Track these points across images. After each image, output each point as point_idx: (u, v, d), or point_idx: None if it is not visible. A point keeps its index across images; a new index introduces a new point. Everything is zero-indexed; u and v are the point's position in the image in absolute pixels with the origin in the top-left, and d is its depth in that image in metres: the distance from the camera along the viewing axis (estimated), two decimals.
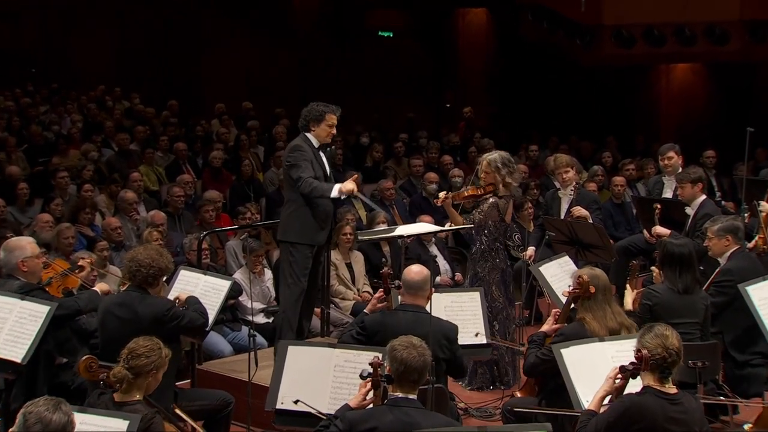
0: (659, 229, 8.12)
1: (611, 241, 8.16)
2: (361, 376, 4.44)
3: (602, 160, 13.33)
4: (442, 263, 9.46)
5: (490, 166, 7.21)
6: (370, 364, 4.41)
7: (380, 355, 4.53)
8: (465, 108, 17.30)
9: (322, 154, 7.02)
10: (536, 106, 18.04)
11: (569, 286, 5.64)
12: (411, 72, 19.61)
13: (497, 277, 7.24)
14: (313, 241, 6.94)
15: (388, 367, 4.43)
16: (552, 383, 5.37)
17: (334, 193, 6.77)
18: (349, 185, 6.77)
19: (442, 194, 7.20)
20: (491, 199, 7.21)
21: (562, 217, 8.25)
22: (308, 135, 6.99)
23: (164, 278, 5.86)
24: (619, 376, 4.52)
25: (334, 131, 7.03)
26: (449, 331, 5.44)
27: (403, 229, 6.50)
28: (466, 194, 7.24)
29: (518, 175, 7.42)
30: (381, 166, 13.37)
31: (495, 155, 7.29)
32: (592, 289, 5.42)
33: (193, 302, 5.94)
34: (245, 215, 9.53)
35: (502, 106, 19.12)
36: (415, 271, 5.51)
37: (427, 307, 5.39)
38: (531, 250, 8.09)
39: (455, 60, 20.25)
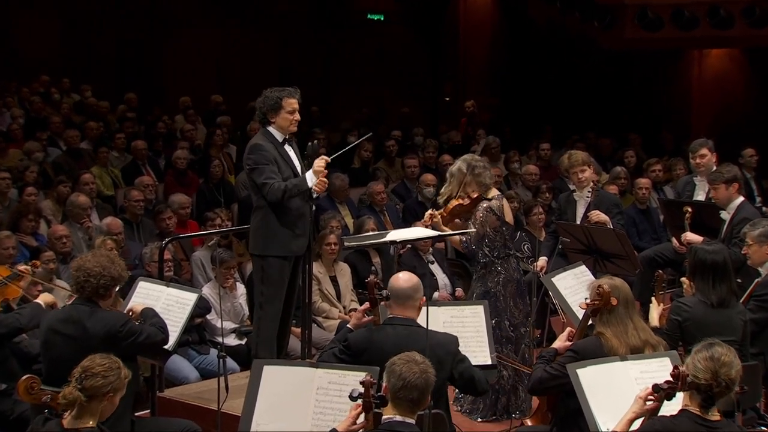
0: (690, 236, 8.17)
1: (635, 251, 8.20)
2: (351, 397, 4.45)
3: (625, 160, 13.40)
4: (441, 277, 9.49)
5: (455, 178, 7.26)
6: (361, 382, 4.42)
7: (371, 375, 4.54)
8: (467, 102, 17.37)
9: (288, 149, 7.04)
10: (548, 99, 18.11)
11: (586, 298, 5.66)
12: (405, 60, 19.68)
13: (513, 289, 7.26)
14: (287, 252, 6.94)
15: (384, 386, 4.46)
16: (565, 409, 5.38)
17: (310, 183, 6.76)
18: (320, 162, 6.76)
19: (427, 214, 7.19)
20: (482, 205, 7.23)
21: (578, 222, 8.28)
22: (270, 129, 7.02)
23: (117, 289, 5.86)
24: (652, 396, 4.52)
25: (297, 117, 7.01)
26: (449, 344, 5.42)
27: (396, 235, 6.53)
28: (451, 207, 7.27)
29: (490, 172, 7.40)
30: (371, 168, 13.41)
31: (455, 164, 7.35)
32: (614, 301, 5.41)
33: (149, 315, 5.94)
34: (214, 222, 9.54)
35: (508, 99, 19.19)
36: (404, 278, 5.52)
37: (421, 320, 5.40)
38: (542, 261, 8.12)
39: (455, 47, 20.33)
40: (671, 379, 4.45)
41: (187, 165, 12.40)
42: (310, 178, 6.80)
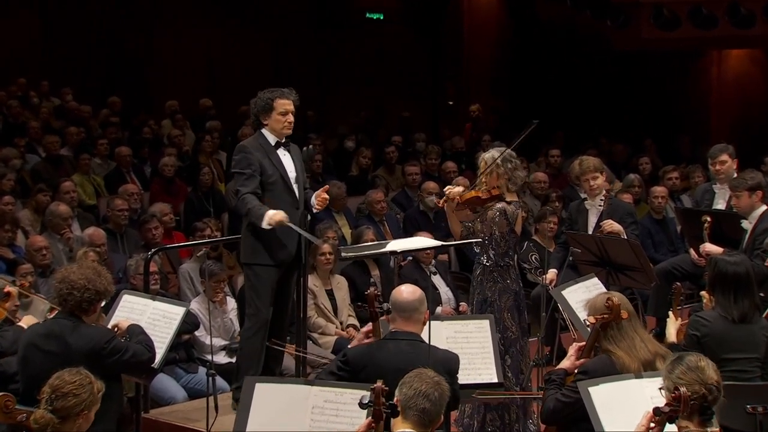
0: (709, 247, 8.17)
1: (650, 263, 8.20)
2: (361, 405, 4.45)
3: (639, 168, 13.43)
4: (444, 290, 9.52)
5: (489, 165, 7.29)
6: (371, 389, 4.43)
7: (382, 381, 4.53)
8: (472, 105, 17.40)
9: (282, 153, 7.06)
10: (558, 103, 18.13)
11: (585, 320, 5.67)
12: (405, 61, 19.71)
13: (510, 301, 7.27)
14: (274, 260, 6.98)
15: (396, 398, 4.47)
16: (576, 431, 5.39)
17: (264, 223, 6.74)
18: (278, 216, 6.75)
19: (447, 189, 7.28)
20: (498, 205, 7.26)
21: (590, 232, 8.29)
22: (264, 131, 7.08)
23: (102, 303, 5.88)
24: (653, 420, 4.53)
25: (291, 119, 7.05)
26: (450, 362, 5.45)
27: (396, 245, 6.56)
28: (468, 197, 7.29)
29: (522, 173, 7.48)
30: (369, 175, 13.44)
31: (492, 151, 7.38)
32: (625, 314, 5.44)
33: (136, 332, 5.96)
34: (203, 233, 9.55)
35: (515, 103, 19.22)
36: (408, 290, 5.54)
37: (424, 335, 5.42)
38: (552, 273, 8.13)
39: (458, 47, 20.37)
40: (672, 401, 4.45)
41: (175, 173, 12.44)
42: (265, 219, 6.74)
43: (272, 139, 7.05)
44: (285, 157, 7.08)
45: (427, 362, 5.06)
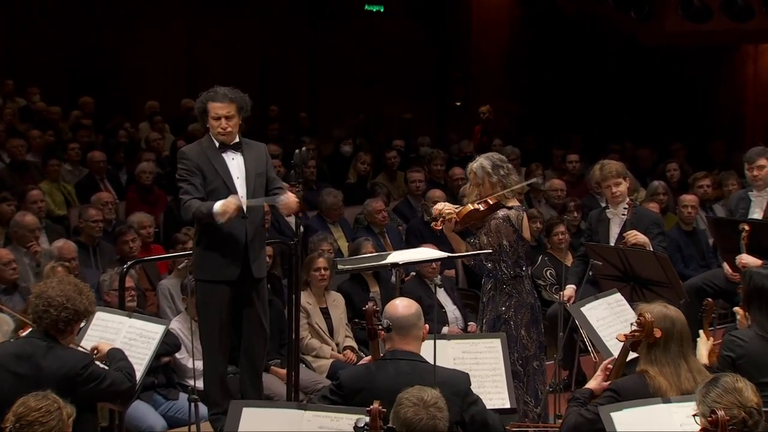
0: (746, 259, 8.14)
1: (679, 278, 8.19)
2: (356, 428, 4.47)
3: (667, 174, 13.42)
4: (451, 309, 9.52)
5: (478, 176, 7.36)
6: (368, 411, 4.47)
7: (379, 403, 4.55)
8: (481, 106, 17.40)
9: (230, 157, 7.14)
10: (576, 103, 18.16)
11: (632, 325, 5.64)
12: (408, 58, 19.74)
13: (526, 316, 7.30)
14: (218, 276, 7.10)
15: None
16: None
17: (217, 214, 6.81)
18: (229, 203, 6.83)
19: (436, 208, 7.33)
20: (500, 213, 7.30)
21: (612, 243, 8.29)
22: (210, 134, 7.21)
23: (82, 324, 5.86)
24: None
25: (224, 124, 7.07)
26: (459, 382, 5.42)
27: (398, 256, 6.55)
28: (465, 212, 7.32)
29: (517, 176, 7.53)
30: (368, 183, 13.43)
31: (478, 161, 7.51)
32: (658, 333, 5.42)
33: (116, 357, 5.92)
34: (185, 246, 9.55)
35: (530, 104, 19.25)
36: (403, 305, 5.55)
37: (425, 353, 5.41)
38: (570, 289, 8.12)
39: (467, 43, 20.41)
40: (709, 426, 4.43)
41: (153, 180, 12.44)
42: (219, 208, 6.82)
43: (216, 142, 7.16)
44: (233, 162, 7.15)
45: (431, 384, 5.06)
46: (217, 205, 6.83)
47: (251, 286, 7.21)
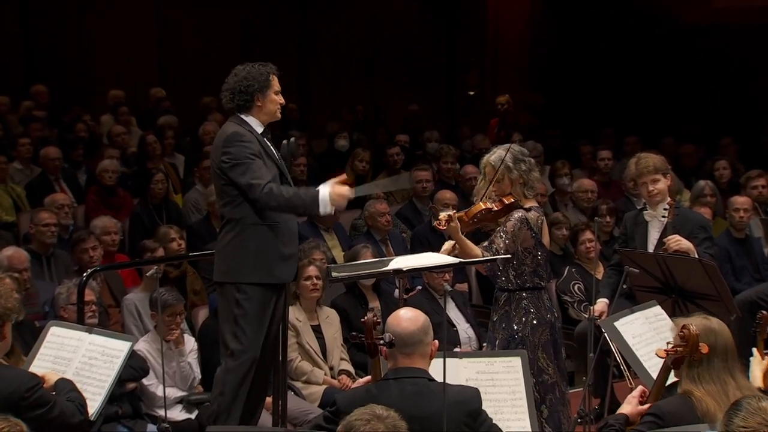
0: None
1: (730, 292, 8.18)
2: None
3: (715, 173, 13.43)
4: (464, 327, 9.53)
5: (495, 169, 7.34)
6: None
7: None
8: (499, 97, 17.42)
9: (269, 143, 7.11)
10: (608, 94, 18.18)
11: (669, 343, 5.65)
12: (414, 43, 19.78)
13: (545, 335, 7.30)
14: (272, 278, 7.00)
15: None
16: None
17: (323, 210, 6.85)
18: (341, 188, 6.84)
19: (443, 215, 7.26)
20: (516, 214, 7.30)
21: (651, 250, 8.28)
22: (246, 117, 7.10)
23: (8, 326, 5.84)
24: None
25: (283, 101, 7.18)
26: (470, 400, 5.44)
27: (402, 262, 6.55)
28: (475, 211, 7.32)
29: (538, 173, 7.53)
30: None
31: (496, 152, 7.48)
32: (705, 349, 5.44)
33: (65, 388, 5.93)
34: (155, 254, 9.56)
35: (554, 94, 19.28)
36: (407, 316, 5.56)
37: (433, 374, 5.41)
38: (601, 304, 8.14)
39: (482, 26, 20.49)
40: None
41: (117, 181, 12.47)
42: (325, 202, 6.83)
43: (259, 127, 7.11)
44: (275, 150, 7.15)
45: (440, 407, 5.07)
46: (328, 193, 6.81)
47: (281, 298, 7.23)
